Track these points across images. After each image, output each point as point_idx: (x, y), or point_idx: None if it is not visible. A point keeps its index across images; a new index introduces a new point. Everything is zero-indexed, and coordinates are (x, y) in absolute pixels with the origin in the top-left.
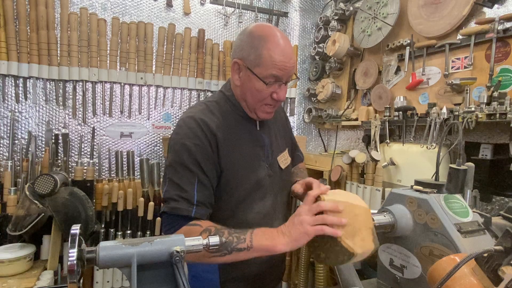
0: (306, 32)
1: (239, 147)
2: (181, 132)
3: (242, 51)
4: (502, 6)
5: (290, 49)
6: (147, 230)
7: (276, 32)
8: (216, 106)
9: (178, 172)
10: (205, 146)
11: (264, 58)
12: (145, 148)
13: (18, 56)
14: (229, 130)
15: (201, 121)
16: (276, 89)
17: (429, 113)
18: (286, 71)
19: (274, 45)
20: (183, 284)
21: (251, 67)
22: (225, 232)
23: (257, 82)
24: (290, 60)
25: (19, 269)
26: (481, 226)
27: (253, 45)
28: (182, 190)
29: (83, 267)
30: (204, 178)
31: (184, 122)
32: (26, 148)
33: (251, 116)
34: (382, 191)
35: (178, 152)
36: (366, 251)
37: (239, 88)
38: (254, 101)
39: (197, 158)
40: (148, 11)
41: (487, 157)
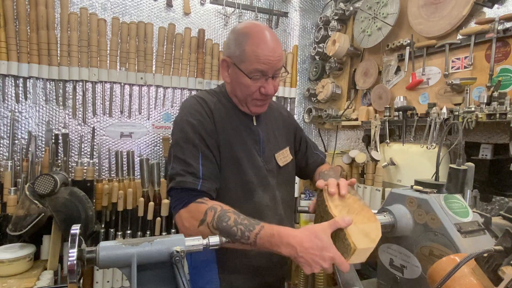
0: (306, 32)
1: (237, 135)
2: (184, 110)
3: (229, 48)
4: (502, 6)
5: (275, 43)
6: (147, 230)
7: (260, 28)
8: (214, 94)
9: (182, 148)
10: (206, 121)
11: (248, 54)
12: (145, 148)
13: (18, 56)
14: (228, 116)
15: (201, 100)
16: (264, 83)
17: (429, 113)
18: (271, 65)
19: (257, 40)
20: (183, 284)
21: (237, 63)
22: (231, 217)
23: (244, 78)
24: (274, 54)
25: (19, 269)
26: (481, 226)
27: (238, 41)
28: (188, 165)
29: (83, 267)
30: (207, 152)
31: (186, 102)
32: (26, 148)
33: (244, 111)
34: (382, 191)
35: (182, 128)
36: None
37: (229, 85)
38: (243, 96)
39: (200, 133)
40: (148, 11)
41: (487, 157)
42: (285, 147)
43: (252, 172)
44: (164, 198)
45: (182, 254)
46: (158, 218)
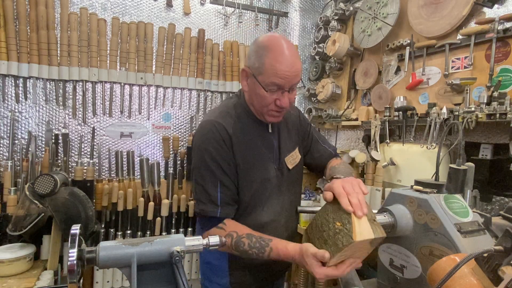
0: (306, 32)
1: (251, 148)
2: (202, 136)
3: (250, 59)
4: (502, 6)
5: (294, 59)
6: (147, 230)
7: (281, 42)
8: (232, 110)
9: (202, 175)
10: (223, 148)
11: (266, 67)
12: (145, 148)
13: (18, 56)
14: (243, 133)
15: (218, 125)
16: (280, 96)
17: (429, 113)
18: (288, 80)
19: (276, 54)
20: (183, 284)
21: (255, 75)
22: (246, 243)
23: (260, 89)
24: (292, 69)
25: (19, 269)
26: (481, 226)
27: (258, 54)
28: (208, 193)
29: (83, 267)
30: (225, 178)
31: (205, 126)
32: (26, 148)
33: (261, 119)
34: (382, 191)
35: (201, 157)
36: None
37: (247, 94)
38: (259, 106)
39: (218, 161)
40: (148, 11)
41: (487, 157)
42: (295, 148)
43: (267, 184)
44: (164, 198)
45: (182, 254)
46: (158, 218)
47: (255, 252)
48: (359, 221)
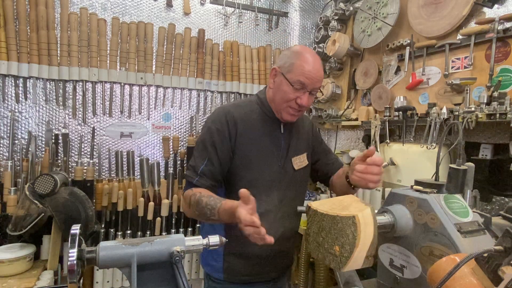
0: (306, 32)
1: (257, 141)
2: (210, 117)
3: (281, 61)
4: (502, 6)
5: (319, 66)
6: (147, 230)
7: (311, 52)
8: (247, 104)
9: (198, 148)
10: (224, 131)
11: (296, 66)
12: (145, 148)
13: (18, 56)
14: (251, 125)
15: (227, 112)
16: (301, 95)
17: (429, 113)
18: (312, 81)
19: (306, 58)
20: (183, 284)
21: (284, 73)
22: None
23: (287, 85)
24: (317, 73)
25: (19, 269)
26: (481, 226)
27: (290, 56)
28: (195, 162)
29: (83, 267)
30: (214, 157)
31: (217, 111)
32: (26, 148)
33: (277, 117)
34: (382, 191)
35: (204, 132)
36: (365, 213)
37: (272, 90)
38: (281, 101)
39: (215, 140)
40: (148, 11)
41: (487, 157)
42: (303, 153)
43: (266, 173)
44: (164, 198)
45: (182, 254)
46: (158, 218)
47: (209, 209)
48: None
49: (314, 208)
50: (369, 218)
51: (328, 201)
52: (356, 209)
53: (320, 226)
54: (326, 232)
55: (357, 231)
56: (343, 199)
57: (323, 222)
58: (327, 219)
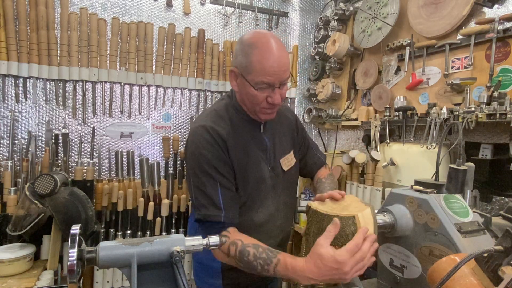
0: (306, 32)
1: (245, 150)
2: (195, 142)
3: (237, 59)
4: (502, 6)
5: (281, 54)
6: (147, 230)
7: (267, 39)
8: (224, 112)
9: (201, 181)
10: (218, 150)
11: (254, 66)
12: (145, 148)
13: (18, 56)
14: (236, 135)
15: (211, 129)
16: (271, 93)
17: (429, 113)
18: (277, 77)
19: (263, 51)
20: (183, 284)
21: (244, 74)
22: (251, 252)
23: (250, 88)
24: (280, 65)
25: (19, 269)
26: (481, 226)
27: (245, 52)
28: (209, 198)
29: (83, 267)
30: (224, 180)
31: (198, 131)
32: (26, 148)
33: (254, 118)
34: (382, 191)
35: (198, 161)
36: (365, 213)
37: (238, 94)
38: (251, 105)
39: (214, 164)
40: (148, 11)
41: (487, 157)
42: (290, 151)
43: (261, 185)
44: (164, 198)
45: (182, 254)
46: (158, 218)
47: (260, 263)
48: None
49: (314, 208)
50: (369, 218)
51: (328, 200)
52: (356, 209)
53: (320, 226)
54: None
55: (356, 229)
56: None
57: (323, 222)
58: (327, 219)
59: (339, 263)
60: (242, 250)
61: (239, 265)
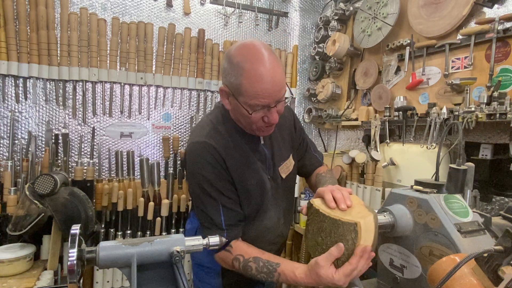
0: (306, 32)
1: (245, 164)
2: (195, 161)
3: (226, 77)
4: (502, 6)
5: (274, 72)
6: (147, 230)
7: (256, 56)
8: (221, 124)
9: (203, 202)
10: (219, 170)
11: (245, 88)
12: (145, 148)
13: (18, 56)
14: (235, 149)
15: (209, 147)
16: (266, 113)
17: (429, 113)
18: (272, 97)
19: (254, 72)
20: (183, 284)
21: (236, 95)
22: (253, 267)
23: (243, 110)
24: (273, 85)
25: (19, 269)
26: (481, 226)
27: (234, 73)
28: (211, 218)
29: (83, 267)
30: (226, 200)
31: (195, 149)
32: (26, 148)
33: (251, 133)
34: (382, 191)
35: (198, 183)
36: (368, 220)
37: (232, 112)
38: (247, 124)
39: (215, 185)
40: (148, 11)
41: (487, 157)
42: (289, 156)
43: (264, 197)
44: (164, 198)
45: (182, 254)
46: (158, 218)
47: (263, 276)
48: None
49: (316, 207)
50: (370, 225)
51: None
52: (359, 215)
53: (321, 227)
54: (326, 233)
55: (357, 238)
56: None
57: (324, 223)
58: (328, 221)
59: (336, 284)
60: (245, 266)
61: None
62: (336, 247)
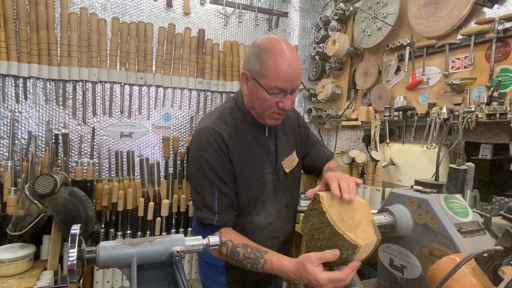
0: (306, 32)
1: (248, 154)
2: (199, 143)
3: (250, 62)
4: (502, 6)
5: (295, 61)
6: (147, 230)
7: (282, 45)
8: (229, 115)
9: (200, 183)
10: (220, 156)
11: (269, 70)
12: (145, 148)
13: (18, 56)
14: (240, 139)
15: (214, 132)
16: (282, 98)
17: (429, 113)
18: (291, 83)
19: (279, 57)
20: (183, 284)
21: (257, 78)
22: (240, 253)
23: (263, 93)
24: (294, 72)
25: (19, 269)
26: (481, 226)
27: (259, 57)
28: (205, 200)
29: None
30: (223, 186)
31: (201, 133)
32: (26, 148)
33: (261, 122)
34: (382, 191)
35: (198, 163)
36: (370, 243)
37: (248, 97)
38: (261, 109)
39: (215, 169)
40: (148, 11)
41: (487, 157)
42: (292, 152)
43: (263, 189)
44: (164, 198)
45: (182, 254)
46: (158, 218)
47: (249, 262)
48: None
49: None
50: (370, 248)
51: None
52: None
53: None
54: (325, 237)
55: (353, 256)
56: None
57: (326, 228)
58: (330, 229)
59: (318, 282)
60: (232, 251)
61: (231, 262)
62: (332, 252)
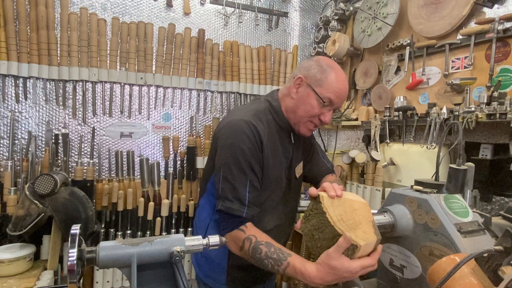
0: (306, 32)
1: (273, 155)
2: (235, 133)
3: (309, 70)
4: (502, 6)
5: (347, 83)
6: (147, 230)
7: (341, 71)
8: (263, 115)
9: (232, 173)
10: (256, 150)
11: (328, 82)
12: (145, 148)
13: (18, 56)
14: (271, 139)
15: (253, 127)
16: (325, 112)
17: (429, 113)
18: (340, 99)
19: (338, 76)
20: (183, 284)
21: (313, 85)
22: (263, 251)
23: (314, 100)
24: (345, 93)
25: (19, 269)
26: (481, 226)
27: (321, 69)
28: (236, 191)
29: (83, 267)
30: (255, 179)
31: (238, 124)
32: (26, 148)
33: (294, 129)
34: (382, 191)
35: (234, 153)
36: (369, 243)
37: (293, 101)
38: (305, 115)
39: (251, 162)
40: (148, 11)
41: (487, 157)
42: (301, 160)
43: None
44: (164, 198)
45: (182, 254)
46: (158, 218)
47: (271, 262)
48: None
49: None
50: (370, 248)
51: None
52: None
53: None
54: (325, 237)
55: (353, 255)
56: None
57: (326, 228)
58: (330, 229)
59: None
60: (255, 247)
61: (251, 260)
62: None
